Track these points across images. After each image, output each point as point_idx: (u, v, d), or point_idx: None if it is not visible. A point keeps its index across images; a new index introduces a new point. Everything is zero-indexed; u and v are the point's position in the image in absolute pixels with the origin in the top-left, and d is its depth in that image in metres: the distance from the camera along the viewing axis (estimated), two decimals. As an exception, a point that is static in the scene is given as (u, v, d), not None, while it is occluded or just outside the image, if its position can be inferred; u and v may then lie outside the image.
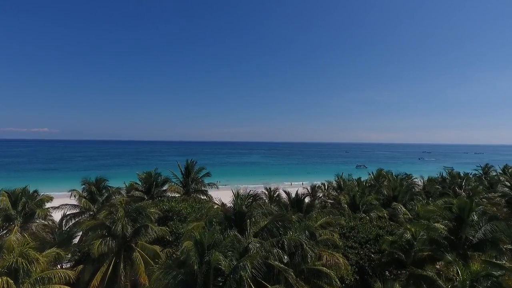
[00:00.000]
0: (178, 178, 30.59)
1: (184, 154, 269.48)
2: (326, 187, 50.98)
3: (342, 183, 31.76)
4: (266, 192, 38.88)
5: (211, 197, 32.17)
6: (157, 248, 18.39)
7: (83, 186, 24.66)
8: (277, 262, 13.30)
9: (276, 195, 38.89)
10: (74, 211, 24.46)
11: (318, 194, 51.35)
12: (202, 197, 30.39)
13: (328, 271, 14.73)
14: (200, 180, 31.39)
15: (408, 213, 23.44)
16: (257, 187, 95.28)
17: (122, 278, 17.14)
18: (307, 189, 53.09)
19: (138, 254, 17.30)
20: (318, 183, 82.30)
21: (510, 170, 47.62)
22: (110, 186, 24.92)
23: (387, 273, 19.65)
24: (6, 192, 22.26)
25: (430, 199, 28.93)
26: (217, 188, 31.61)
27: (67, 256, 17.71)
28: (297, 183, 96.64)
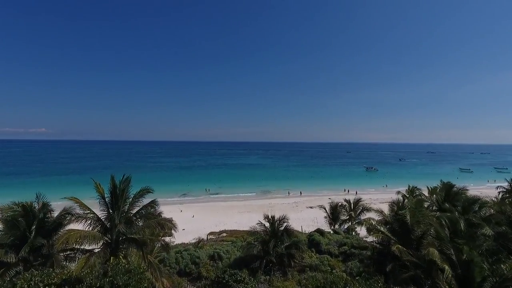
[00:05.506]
0: (93, 212, 15.33)
1: (178, 155, 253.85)
2: (352, 207, 35.98)
3: (408, 216, 16.60)
4: (268, 224, 24.05)
5: (167, 245, 16.96)
6: None
7: None
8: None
9: (283, 228, 24.03)
10: None
11: (341, 215, 36.52)
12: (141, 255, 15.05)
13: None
14: (139, 215, 15.95)
15: None
16: (254, 195, 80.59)
17: None
18: (324, 209, 38.36)
19: None
20: (337, 198, 66.37)
21: None
22: None
23: None
24: None
25: None
26: (175, 229, 16.32)
27: None
28: (295, 191, 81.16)
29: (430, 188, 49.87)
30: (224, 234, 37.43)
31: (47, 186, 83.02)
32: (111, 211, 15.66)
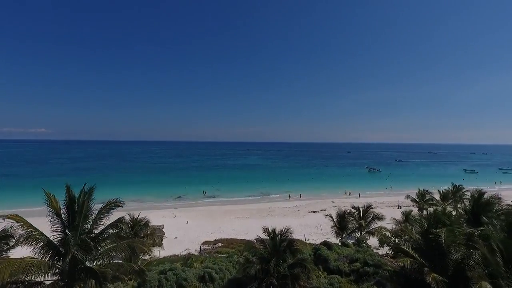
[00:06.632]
0: (42, 233, 11.85)
1: (177, 156, 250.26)
2: (362, 215, 32.50)
3: (443, 236, 13.35)
4: (268, 237, 20.69)
5: (143, 271, 13.51)
6: None
7: None
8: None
9: (285, 244, 20.67)
10: None
11: (350, 224, 33.01)
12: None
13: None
14: (102, 237, 12.43)
15: None
16: (253, 198, 77.00)
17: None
18: (331, 217, 34.84)
19: None
20: (339, 201, 62.46)
21: None
22: None
23: None
24: None
25: None
26: (150, 252, 12.79)
27: None
28: (295, 194, 77.68)
29: (441, 192, 45.85)
30: (220, 244, 33.99)
31: (38, 188, 79.34)
32: (65, 228, 12.22)
